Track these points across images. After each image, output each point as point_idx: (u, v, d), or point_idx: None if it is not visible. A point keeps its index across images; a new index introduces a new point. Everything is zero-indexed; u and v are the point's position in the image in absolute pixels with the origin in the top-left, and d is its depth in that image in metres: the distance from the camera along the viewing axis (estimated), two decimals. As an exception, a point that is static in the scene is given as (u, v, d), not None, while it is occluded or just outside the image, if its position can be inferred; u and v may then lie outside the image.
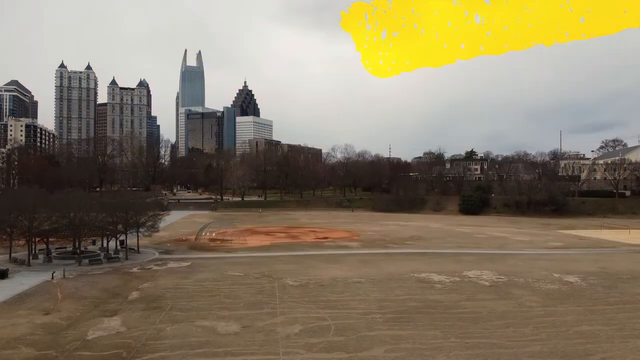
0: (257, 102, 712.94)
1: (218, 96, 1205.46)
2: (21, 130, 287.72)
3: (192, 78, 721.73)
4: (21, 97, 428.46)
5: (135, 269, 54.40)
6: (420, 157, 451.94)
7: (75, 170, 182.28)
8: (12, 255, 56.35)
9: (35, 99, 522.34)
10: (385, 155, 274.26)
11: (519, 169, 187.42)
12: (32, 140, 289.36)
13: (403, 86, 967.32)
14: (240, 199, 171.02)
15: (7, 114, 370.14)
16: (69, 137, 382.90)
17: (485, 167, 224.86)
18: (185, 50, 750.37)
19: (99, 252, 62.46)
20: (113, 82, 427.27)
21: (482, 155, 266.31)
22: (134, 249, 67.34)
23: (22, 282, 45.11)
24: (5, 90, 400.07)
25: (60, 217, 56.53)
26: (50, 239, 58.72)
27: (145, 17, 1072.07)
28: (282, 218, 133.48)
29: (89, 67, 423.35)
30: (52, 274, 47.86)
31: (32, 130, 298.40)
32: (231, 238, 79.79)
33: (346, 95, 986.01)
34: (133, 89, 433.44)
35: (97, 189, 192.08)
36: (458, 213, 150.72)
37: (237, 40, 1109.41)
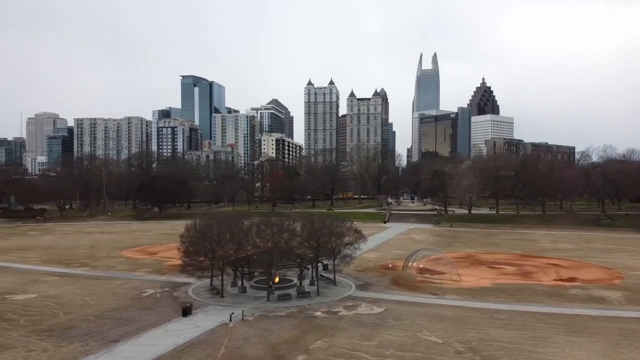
0: (496, 98, 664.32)
1: (453, 96, 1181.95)
2: (272, 144, 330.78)
3: (427, 82, 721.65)
4: (277, 114, 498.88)
5: (320, 313, 47.77)
6: None
7: (309, 181, 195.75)
8: (214, 282, 56.81)
9: (291, 114, 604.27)
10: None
11: None
12: (281, 153, 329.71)
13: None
14: (467, 211, 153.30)
15: (266, 129, 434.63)
16: (316, 148, 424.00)
17: None
18: (421, 55, 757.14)
19: (294, 282, 58.51)
20: (352, 95, 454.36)
21: None
22: (330, 280, 61.82)
23: (198, 324, 42.80)
24: (264, 109, 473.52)
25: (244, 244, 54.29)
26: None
27: (384, 17, 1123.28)
28: (516, 239, 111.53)
29: (331, 83, 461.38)
30: (231, 315, 44.65)
31: (281, 143, 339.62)
32: (442, 270, 66.81)
33: (620, 79, 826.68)
34: (369, 99, 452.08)
35: (330, 198, 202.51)
36: None
37: (480, 28, 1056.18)
